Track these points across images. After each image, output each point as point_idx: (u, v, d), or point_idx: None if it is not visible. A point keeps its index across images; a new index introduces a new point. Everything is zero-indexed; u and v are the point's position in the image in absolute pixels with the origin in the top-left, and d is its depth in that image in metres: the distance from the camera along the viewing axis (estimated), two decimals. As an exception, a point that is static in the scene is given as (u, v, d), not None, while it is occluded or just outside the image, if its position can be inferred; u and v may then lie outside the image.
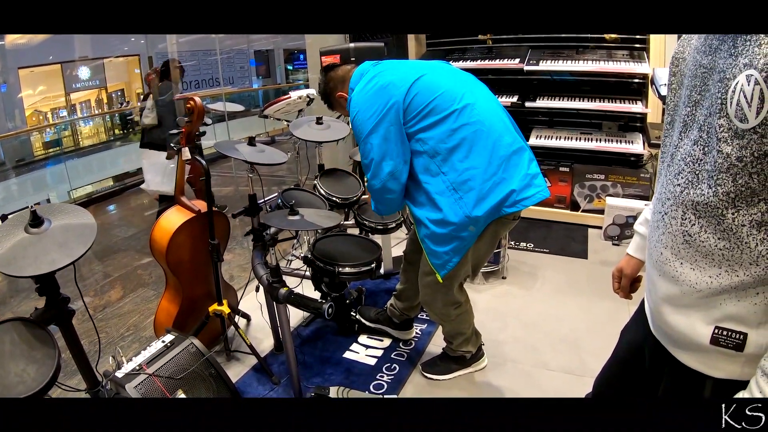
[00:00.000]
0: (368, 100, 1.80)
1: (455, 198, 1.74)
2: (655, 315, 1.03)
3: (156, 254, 2.26)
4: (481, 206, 1.72)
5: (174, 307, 2.38)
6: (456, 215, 1.75)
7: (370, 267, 2.05)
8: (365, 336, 2.59)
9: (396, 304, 2.42)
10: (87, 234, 1.42)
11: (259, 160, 2.02)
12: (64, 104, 9.72)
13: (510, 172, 1.74)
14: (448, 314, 2.05)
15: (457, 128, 1.72)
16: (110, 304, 3.37)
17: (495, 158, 1.73)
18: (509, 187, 1.73)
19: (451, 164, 1.74)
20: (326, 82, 2.05)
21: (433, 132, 1.75)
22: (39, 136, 9.18)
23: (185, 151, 2.05)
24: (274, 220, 1.77)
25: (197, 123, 2.03)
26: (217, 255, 2.16)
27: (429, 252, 1.86)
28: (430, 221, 1.80)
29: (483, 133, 1.73)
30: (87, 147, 9.08)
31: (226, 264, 3.56)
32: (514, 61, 3.68)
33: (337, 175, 2.69)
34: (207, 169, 2.01)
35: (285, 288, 1.84)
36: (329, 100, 2.09)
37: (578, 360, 2.44)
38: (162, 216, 2.23)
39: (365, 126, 1.79)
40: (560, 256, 3.39)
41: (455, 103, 1.74)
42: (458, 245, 1.80)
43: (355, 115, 1.83)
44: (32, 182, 8.15)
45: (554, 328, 2.66)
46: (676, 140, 0.92)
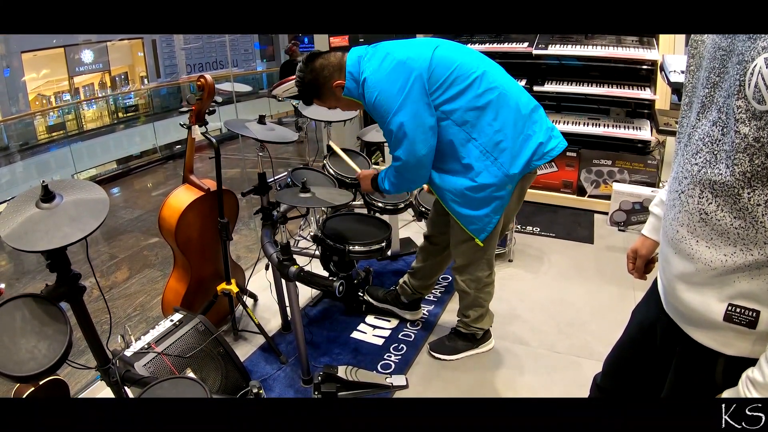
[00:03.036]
0: (387, 78, 1.74)
1: (491, 160, 1.80)
2: (668, 292, 1.03)
3: (164, 233, 2.24)
4: (517, 163, 1.81)
5: (182, 286, 2.36)
6: (494, 176, 1.80)
7: (381, 245, 2.04)
8: (373, 316, 2.58)
9: (410, 282, 2.41)
10: (100, 209, 1.39)
11: (270, 138, 1.99)
12: (67, 88, 9.66)
13: (534, 128, 1.84)
14: (480, 280, 2.09)
15: (482, 93, 1.76)
16: (116, 284, 3.37)
17: (519, 117, 1.82)
18: (537, 141, 1.83)
19: (481, 129, 1.78)
20: (318, 71, 1.82)
21: (459, 101, 1.75)
22: (42, 119, 9.13)
23: (195, 129, 2.02)
24: (286, 197, 1.75)
25: (207, 101, 2.00)
26: (226, 233, 2.14)
27: (466, 220, 1.89)
28: (466, 188, 1.83)
29: (505, 95, 1.80)
30: (91, 130, 9.04)
31: (233, 245, 3.53)
32: (523, 45, 3.63)
33: (347, 155, 2.66)
34: (217, 147, 1.98)
35: (295, 266, 1.82)
36: (319, 91, 1.86)
37: (584, 343, 2.44)
38: (171, 194, 2.21)
39: (391, 104, 1.73)
40: (566, 240, 3.37)
41: (475, 71, 1.77)
42: (497, 205, 1.86)
43: (375, 96, 1.75)
44: (36, 166, 8.12)
45: (560, 311, 2.65)
46: (693, 120, 0.93)
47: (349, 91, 1.82)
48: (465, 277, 2.09)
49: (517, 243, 3.18)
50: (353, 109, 1.94)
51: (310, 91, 1.87)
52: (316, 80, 1.83)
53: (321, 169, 2.50)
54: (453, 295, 2.73)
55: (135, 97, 9.89)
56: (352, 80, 1.79)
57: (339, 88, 1.82)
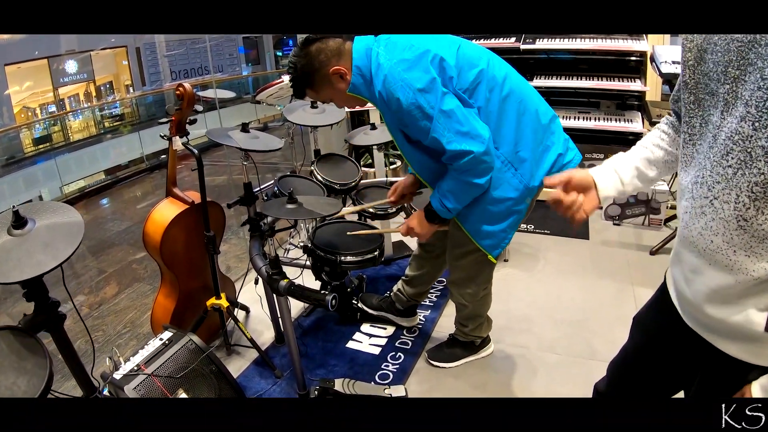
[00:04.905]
0: (418, 68, 1.51)
1: (511, 172, 1.67)
2: (693, 305, 0.96)
3: (150, 249, 2.16)
4: (537, 175, 1.70)
5: (171, 302, 2.28)
6: (515, 189, 1.69)
7: (373, 255, 1.96)
8: (368, 324, 2.51)
9: (405, 290, 2.32)
10: (74, 233, 1.31)
11: (254, 146, 1.91)
12: (52, 99, 9.50)
13: (552, 139, 1.73)
14: (478, 294, 1.98)
15: (504, 99, 1.62)
16: (106, 300, 3.26)
17: (539, 126, 1.69)
18: (556, 152, 1.73)
19: (503, 138, 1.65)
20: (314, 55, 1.58)
21: (482, 107, 1.60)
22: (28, 132, 8.98)
23: (176, 140, 1.93)
24: (272, 209, 1.66)
25: (187, 110, 1.91)
26: (214, 247, 2.06)
27: (479, 235, 1.76)
28: (485, 202, 1.70)
29: (525, 103, 1.67)
30: (77, 141, 8.89)
31: (222, 255, 3.44)
32: (510, 39, 3.56)
33: (335, 160, 2.58)
34: (199, 158, 1.89)
35: (285, 279, 1.74)
36: (312, 78, 1.61)
37: (584, 343, 2.38)
38: (154, 209, 2.12)
39: (430, 97, 1.50)
40: (561, 237, 3.31)
41: (496, 75, 1.63)
42: (515, 219, 1.76)
43: (404, 92, 1.50)
44: (23, 179, 7.97)
45: (558, 311, 2.59)
46: (717, 120, 0.85)
47: (356, 88, 1.60)
48: (463, 291, 1.98)
49: (512, 242, 3.10)
50: (352, 105, 1.75)
51: (302, 80, 1.63)
52: (309, 66, 1.59)
53: (309, 176, 2.42)
54: (449, 299, 2.66)
55: (121, 106, 9.75)
56: (360, 75, 1.58)
57: (336, 76, 1.59)
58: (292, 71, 1.63)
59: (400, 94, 1.51)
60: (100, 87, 9.66)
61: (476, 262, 1.87)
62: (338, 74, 1.60)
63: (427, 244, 2.15)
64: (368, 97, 1.63)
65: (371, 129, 2.63)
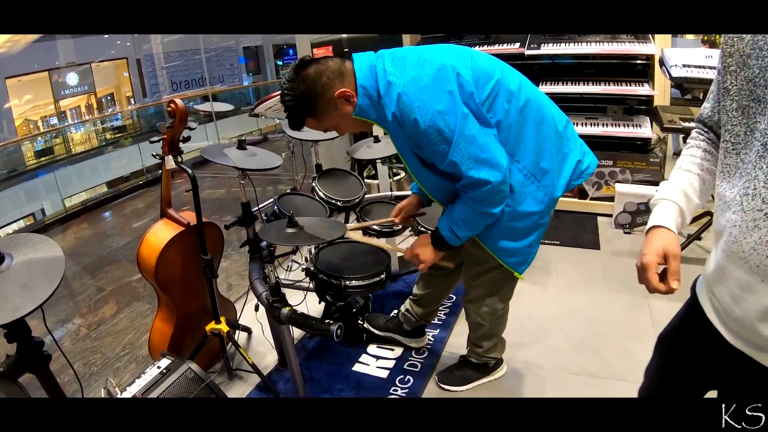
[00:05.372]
0: (435, 87, 1.37)
1: (535, 185, 1.55)
2: (743, 326, 0.90)
3: (144, 273, 2.03)
4: (560, 184, 1.59)
5: (168, 327, 2.15)
6: (540, 202, 1.57)
7: (380, 278, 1.82)
8: (374, 345, 2.37)
9: (413, 310, 2.18)
10: (54, 270, 1.18)
11: (250, 165, 1.78)
12: (53, 111, 9.39)
13: (569, 145, 1.61)
14: (497, 312, 1.84)
15: (522, 109, 1.49)
16: (104, 321, 3.13)
17: (557, 134, 1.57)
18: (575, 159, 1.61)
19: (524, 149, 1.52)
20: (314, 79, 1.39)
21: (501, 119, 1.47)
22: (30, 145, 8.86)
23: (169, 159, 1.80)
24: (271, 234, 1.52)
25: (180, 127, 1.78)
26: (211, 271, 1.93)
27: (504, 253, 1.64)
28: (507, 218, 1.57)
29: (543, 110, 1.55)
30: (79, 153, 8.77)
31: (222, 272, 3.32)
32: (514, 45, 3.43)
33: (337, 175, 2.45)
34: (194, 178, 1.76)
35: (287, 307, 1.61)
36: (314, 106, 1.42)
37: (600, 361, 2.24)
38: (148, 231, 1.99)
39: (450, 119, 1.36)
40: (572, 247, 3.17)
41: (512, 84, 1.49)
42: (540, 233, 1.65)
43: (421, 112, 1.36)
44: (25, 193, 7.84)
45: (573, 327, 2.46)
46: (765, 127, 0.79)
47: (363, 111, 1.43)
48: (481, 309, 1.84)
49: (521, 254, 2.98)
50: (357, 130, 1.60)
51: (302, 108, 1.43)
52: (310, 91, 1.40)
53: (310, 192, 2.29)
54: (459, 317, 2.53)
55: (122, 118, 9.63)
56: (366, 96, 1.41)
57: (342, 100, 1.41)
58: (289, 99, 1.42)
59: (417, 115, 1.36)
60: (101, 99, 9.55)
61: (497, 279, 1.75)
62: (344, 97, 1.42)
63: None
64: (375, 119, 1.47)
65: (374, 142, 2.51)
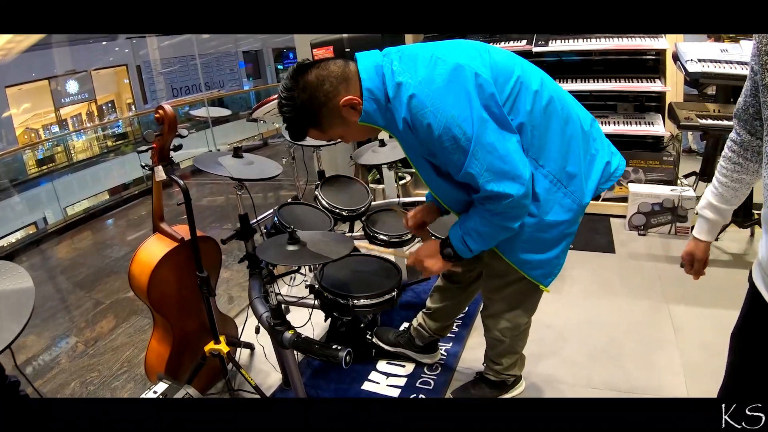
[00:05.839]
0: (448, 88, 1.20)
1: (563, 192, 1.37)
2: None
3: (137, 292, 1.86)
4: (588, 190, 1.41)
5: (165, 347, 1.98)
6: (568, 210, 1.39)
7: (392, 295, 1.64)
8: (384, 362, 2.19)
9: (427, 325, 2.00)
10: (22, 303, 1.02)
11: (247, 175, 1.61)
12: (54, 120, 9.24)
13: (596, 146, 1.44)
14: (519, 327, 1.67)
15: (546, 107, 1.31)
16: (102, 336, 2.97)
17: (583, 134, 1.40)
18: (603, 161, 1.44)
19: (549, 153, 1.34)
20: (315, 86, 1.23)
21: (524, 120, 1.29)
22: (32, 153, 8.72)
23: (159, 170, 1.63)
24: (271, 252, 1.35)
25: (170, 135, 1.61)
26: (208, 289, 1.75)
27: (528, 266, 1.47)
28: (533, 229, 1.40)
29: (568, 109, 1.37)
30: (80, 161, 8.61)
31: (223, 283, 3.16)
32: (521, 42, 3.26)
33: (341, 182, 2.28)
34: (186, 191, 1.59)
35: (290, 331, 1.43)
36: (318, 115, 1.26)
37: (622, 373, 2.08)
38: (140, 247, 1.82)
39: (467, 125, 1.20)
40: (586, 251, 3.00)
41: (533, 80, 1.32)
42: (567, 243, 1.48)
43: (435, 116, 1.20)
44: (27, 201, 7.69)
45: (591, 337, 2.29)
46: None
47: (369, 116, 1.26)
48: (503, 325, 1.66)
49: (534, 259, 2.80)
50: (364, 137, 1.44)
51: (302, 119, 1.27)
52: (313, 100, 1.23)
53: (313, 201, 2.11)
54: (472, 328, 2.35)
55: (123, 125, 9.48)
56: (372, 100, 1.25)
57: (348, 108, 1.25)
58: (288, 110, 1.25)
59: (431, 120, 1.20)
60: (101, 106, 9.40)
61: (520, 292, 1.57)
62: (350, 105, 1.25)
63: (453, 273, 1.82)
64: (384, 124, 1.30)
65: (380, 146, 2.33)
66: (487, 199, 1.29)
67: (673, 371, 2.07)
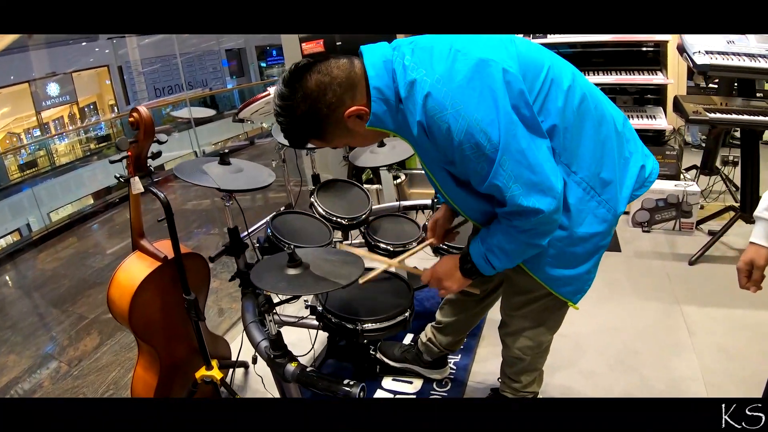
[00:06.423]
0: (470, 86, 1.01)
1: (596, 200, 1.18)
2: None
3: (118, 318, 1.64)
4: (623, 197, 1.23)
5: (152, 376, 1.75)
6: (602, 221, 1.20)
7: (405, 316, 1.44)
8: (390, 378, 2.00)
9: (437, 339, 1.80)
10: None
11: (237, 184, 1.38)
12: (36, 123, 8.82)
13: (629, 147, 1.26)
14: (541, 345, 1.48)
15: (579, 105, 1.12)
16: (86, 355, 2.72)
17: (617, 135, 1.22)
18: (637, 164, 1.26)
19: (582, 157, 1.15)
20: (317, 95, 1.04)
21: (556, 120, 1.10)
22: (13, 159, 8.31)
23: (135, 182, 1.40)
24: (269, 279, 1.13)
25: (146, 142, 1.37)
26: (197, 313, 1.53)
27: (557, 283, 1.28)
28: (562, 243, 1.21)
29: (601, 107, 1.19)
30: (64, 165, 8.22)
31: (212, 294, 2.92)
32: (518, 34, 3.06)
33: (338, 187, 2.06)
34: (168, 205, 1.36)
35: (293, 363, 1.22)
36: (321, 127, 1.08)
37: (640, 380, 1.93)
38: (119, 268, 1.60)
39: (492, 129, 1.01)
40: (591, 251, 2.83)
41: (565, 75, 1.13)
42: (600, 255, 1.29)
43: (456, 125, 1.01)
44: (9, 208, 7.32)
45: (606, 343, 2.13)
46: None
47: (378, 120, 1.07)
48: (524, 343, 1.46)
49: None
50: (372, 142, 1.27)
51: (302, 131, 1.09)
52: (314, 113, 1.05)
53: (309, 209, 1.90)
54: (481, 338, 2.17)
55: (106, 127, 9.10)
56: (382, 101, 1.06)
57: (354, 118, 1.07)
58: (285, 122, 1.08)
59: (451, 123, 1.01)
60: (83, 108, 8.99)
61: (544, 308, 1.38)
62: (356, 115, 1.07)
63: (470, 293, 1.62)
64: (394, 128, 1.10)
65: (379, 146, 2.11)
66: (513, 215, 1.10)
67: (693, 377, 1.93)
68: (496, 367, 1.69)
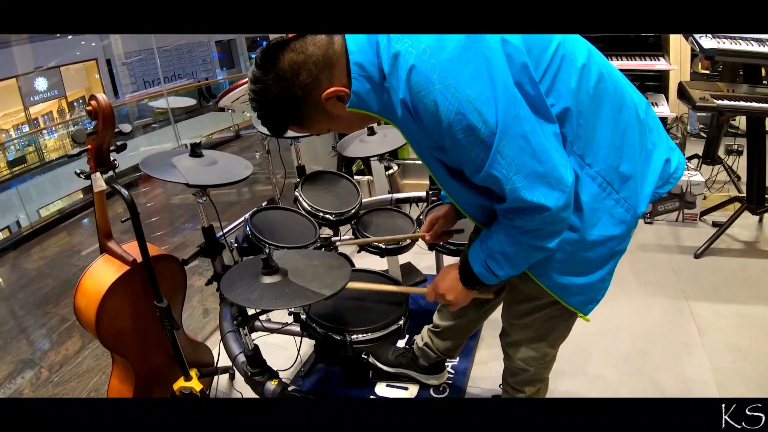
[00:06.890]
0: (462, 57, 0.84)
1: (614, 198, 1.01)
2: None
3: (86, 327, 1.48)
4: (644, 195, 1.05)
5: (127, 388, 1.60)
6: (620, 222, 1.03)
7: (398, 325, 1.28)
8: (383, 385, 1.85)
9: (434, 344, 1.65)
10: None
11: (207, 179, 1.22)
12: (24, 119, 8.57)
13: (652, 138, 1.08)
14: (546, 356, 1.32)
15: (595, 86, 0.94)
16: (67, 360, 2.56)
17: (639, 122, 1.04)
18: (661, 157, 1.08)
19: (598, 147, 0.98)
20: (291, 76, 0.90)
21: (567, 101, 0.93)
22: (2, 155, 8.09)
23: (97, 178, 1.23)
24: (239, 290, 0.96)
25: (106, 133, 1.20)
26: (170, 321, 1.37)
27: (566, 291, 1.11)
28: (573, 247, 1.04)
29: (621, 91, 1.01)
30: (53, 161, 7.99)
31: (197, 293, 2.76)
32: (515, 19, 2.89)
33: (325, 179, 1.89)
34: (132, 203, 1.19)
35: (273, 380, 1.07)
36: (296, 111, 0.95)
37: (649, 381, 1.81)
38: (85, 274, 1.43)
39: (488, 116, 0.84)
40: (593, 244, 2.69)
41: (578, 53, 0.95)
42: (616, 262, 1.11)
43: (444, 103, 0.84)
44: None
45: (612, 344, 2.00)
46: None
47: (360, 100, 0.91)
48: (526, 354, 1.30)
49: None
50: (358, 127, 1.10)
51: (278, 115, 0.96)
52: (287, 95, 0.91)
53: (293, 204, 1.73)
54: (480, 339, 2.02)
55: (95, 121, 8.87)
56: (364, 78, 0.90)
57: (333, 100, 0.93)
58: (258, 107, 0.94)
59: (438, 100, 0.84)
60: (72, 102, 8.73)
61: (550, 317, 1.21)
62: (335, 97, 0.92)
63: None
64: (378, 110, 0.94)
65: (368, 135, 1.94)
66: (515, 212, 0.94)
67: (704, 379, 1.81)
68: (498, 371, 1.54)
